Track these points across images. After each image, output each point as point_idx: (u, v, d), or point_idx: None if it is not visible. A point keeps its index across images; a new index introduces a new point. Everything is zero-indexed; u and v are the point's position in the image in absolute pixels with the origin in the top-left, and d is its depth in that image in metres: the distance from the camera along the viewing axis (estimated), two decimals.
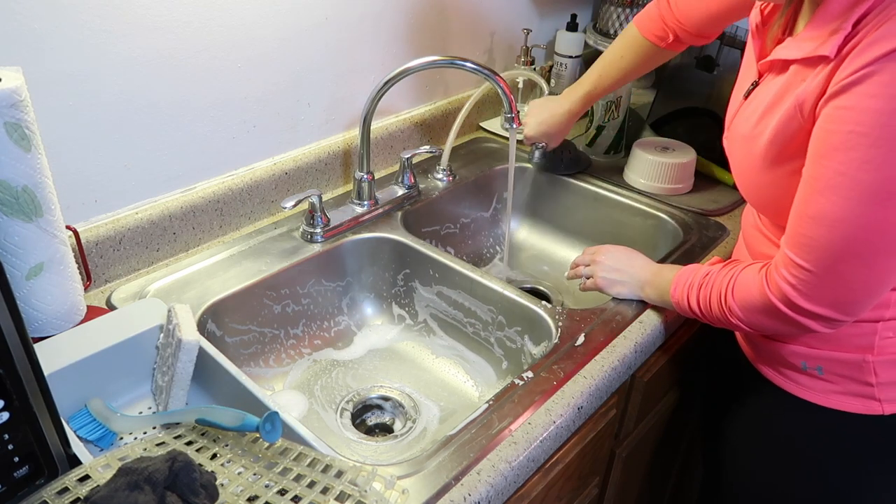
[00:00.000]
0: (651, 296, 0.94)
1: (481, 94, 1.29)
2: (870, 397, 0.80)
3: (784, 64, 0.74)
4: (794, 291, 0.71)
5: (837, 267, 0.68)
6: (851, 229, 0.66)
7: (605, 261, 0.98)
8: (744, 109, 0.81)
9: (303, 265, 1.04)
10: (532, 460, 0.76)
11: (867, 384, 0.79)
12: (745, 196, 0.85)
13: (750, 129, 0.78)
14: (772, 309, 0.74)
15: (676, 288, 0.87)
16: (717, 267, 0.84)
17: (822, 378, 0.82)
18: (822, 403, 0.83)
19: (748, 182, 0.81)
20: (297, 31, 1.05)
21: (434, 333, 1.11)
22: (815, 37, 0.69)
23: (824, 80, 0.66)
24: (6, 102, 0.69)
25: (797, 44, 0.72)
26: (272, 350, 1.03)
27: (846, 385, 0.81)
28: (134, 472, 0.56)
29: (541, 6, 1.50)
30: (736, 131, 0.82)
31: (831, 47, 0.65)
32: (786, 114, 0.71)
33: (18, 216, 0.74)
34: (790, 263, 0.71)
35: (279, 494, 0.62)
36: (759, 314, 0.76)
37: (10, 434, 0.56)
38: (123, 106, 0.90)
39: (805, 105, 0.69)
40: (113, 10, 0.84)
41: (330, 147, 1.17)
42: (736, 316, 0.78)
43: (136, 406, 0.82)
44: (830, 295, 0.70)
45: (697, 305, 0.84)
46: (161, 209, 0.98)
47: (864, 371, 0.79)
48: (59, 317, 0.81)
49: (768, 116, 0.74)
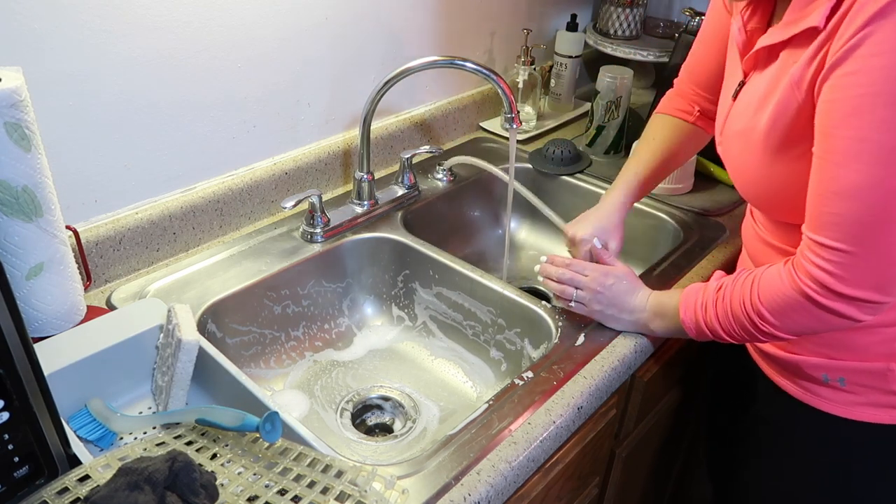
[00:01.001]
0: (658, 328, 0.87)
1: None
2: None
3: (771, 51, 0.72)
4: (830, 278, 0.66)
5: (876, 239, 0.63)
6: (884, 195, 0.61)
7: (603, 293, 0.88)
8: (734, 109, 0.79)
9: (303, 265, 1.04)
10: (532, 460, 0.76)
11: (893, 393, 0.76)
12: (745, 195, 0.81)
13: (745, 124, 0.75)
14: (808, 303, 0.68)
15: (686, 311, 0.81)
16: (727, 279, 0.79)
17: (844, 390, 0.78)
18: (846, 416, 0.79)
19: (749, 179, 0.78)
20: (297, 31, 1.05)
21: (434, 334, 1.11)
22: (799, 18, 0.67)
23: (820, 53, 0.64)
24: (6, 102, 0.69)
25: (781, 29, 0.70)
26: (272, 350, 1.03)
27: (870, 396, 0.77)
28: (134, 472, 0.56)
29: (541, 6, 1.50)
30: (730, 131, 0.80)
31: (819, 18, 0.63)
32: (783, 96, 0.69)
33: (18, 216, 0.74)
34: (820, 247, 0.66)
35: (279, 494, 0.62)
36: (794, 313, 0.70)
37: (10, 434, 0.56)
38: (123, 106, 0.90)
39: (802, 82, 0.66)
40: (113, 10, 0.84)
41: (330, 147, 1.17)
42: (768, 322, 0.72)
43: (136, 406, 0.82)
44: (872, 273, 0.65)
45: (717, 323, 0.78)
46: (161, 209, 0.98)
47: (889, 380, 0.75)
48: (59, 317, 0.81)
49: (764, 105, 0.72)
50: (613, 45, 1.50)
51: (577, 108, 1.55)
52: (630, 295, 0.88)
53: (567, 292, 0.90)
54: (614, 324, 0.90)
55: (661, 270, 1.04)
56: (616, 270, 0.90)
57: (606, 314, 0.89)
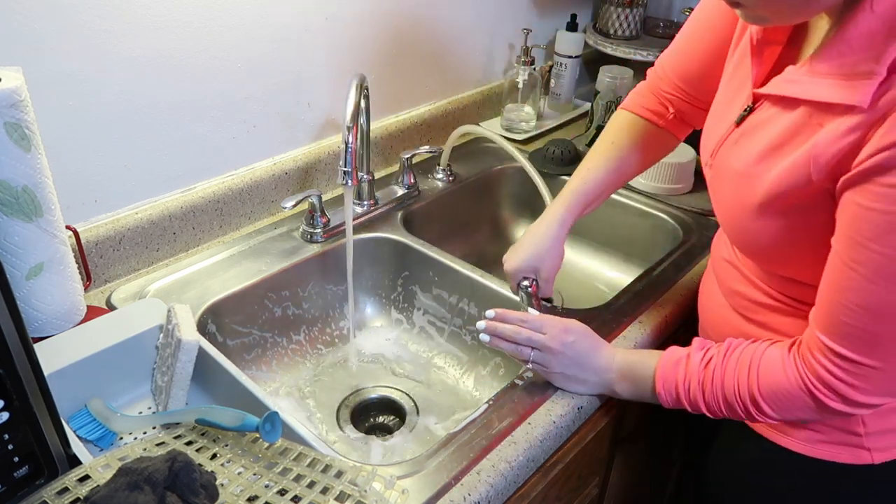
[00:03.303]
0: (624, 392, 0.80)
1: None
2: (858, 447, 0.73)
3: (791, 102, 0.63)
4: (848, 388, 0.62)
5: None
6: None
7: (564, 353, 0.79)
8: (736, 139, 0.70)
9: (303, 265, 1.04)
10: (532, 460, 0.76)
11: (855, 434, 0.72)
12: (728, 237, 0.75)
13: (745, 168, 0.67)
14: (816, 404, 0.65)
15: (665, 385, 0.75)
16: (715, 351, 0.72)
17: (808, 428, 0.75)
18: (809, 454, 0.75)
19: (735, 224, 0.71)
20: (297, 31, 1.05)
21: (434, 334, 1.11)
22: (832, 73, 0.58)
23: (855, 138, 0.56)
24: (6, 102, 0.69)
25: (807, 78, 0.60)
26: (272, 349, 1.03)
27: (833, 435, 0.74)
28: (134, 472, 0.56)
29: (541, 6, 1.50)
30: (725, 163, 0.71)
31: (861, 96, 0.55)
32: (795, 162, 0.61)
33: (18, 216, 0.74)
34: (837, 357, 0.62)
35: (279, 494, 0.62)
36: (797, 409, 0.67)
37: (10, 434, 0.56)
38: (123, 106, 0.90)
39: (823, 161, 0.59)
40: (113, 10, 0.84)
41: (330, 147, 1.17)
42: (765, 413, 0.68)
43: (136, 406, 0.82)
44: (893, 382, 0.62)
45: (702, 401, 0.72)
46: (161, 209, 0.98)
47: (852, 421, 0.72)
48: (59, 317, 0.81)
49: (772, 159, 0.64)
50: (613, 45, 1.50)
51: (577, 108, 1.55)
52: (594, 353, 0.80)
53: (523, 353, 0.79)
54: (578, 386, 0.81)
55: (661, 270, 1.04)
56: (575, 326, 0.80)
57: (568, 375, 0.80)
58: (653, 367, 0.76)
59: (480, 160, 1.34)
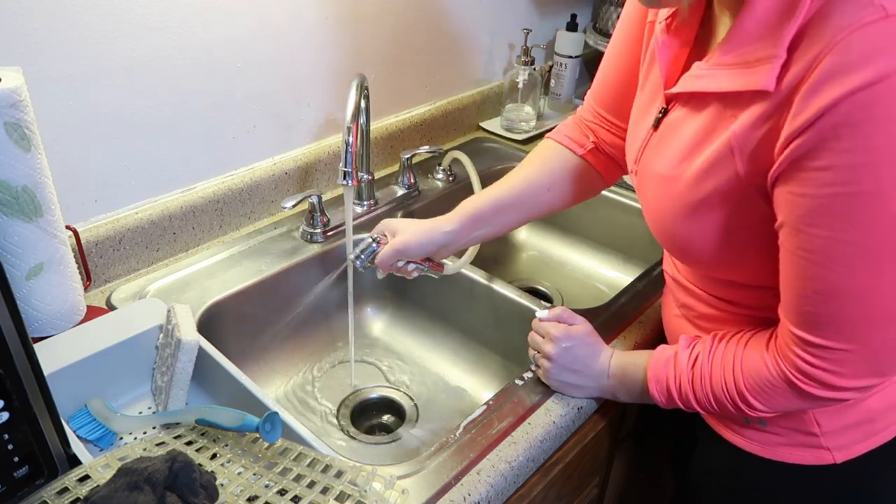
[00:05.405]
0: (623, 396, 0.81)
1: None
2: (818, 447, 0.73)
3: (702, 98, 0.64)
4: (826, 374, 0.62)
5: (873, 335, 0.60)
6: (883, 295, 0.57)
7: (561, 356, 0.79)
8: (655, 143, 0.70)
9: (303, 265, 1.04)
10: (532, 460, 0.76)
11: (812, 434, 0.72)
12: (661, 243, 0.74)
13: (667, 170, 0.67)
14: (799, 395, 0.65)
15: (658, 386, 0.75)
16: (700, 349, 0.73)
17: (766, 431, 0.75)
18: (770, 457, 0.75)
19: (664, 228, 0.70)
20: (297, 31, 1.05)
21: (434, 334, 1.11)
22: (735, 63, 0.59)
23: (770, 126, 0.57)
24: (6, 102, 0.69)
25: (712, 71, 0.61)
26: (272, 349, 1.03)
27: (792, 437, 0.74)
28: (134, 472, 0.56)
29: (541, 6, 1.50)
30: (648, 168, 0.71)
31: (765, 79, 0.55)
32: (717, 157, 0.61)
33: (18, 216, 0.74)
34: (810, 346, 0.62)
35: (279, 494, 0.62)
36: (784, 399, 0.67)
37: (10, 434, 0.56)
38: (123, 106, 0.90)
39: (744, 150, 0.59)
40: (113, 11, 0.84)
41: (330, 147, 1.17)
42: (755, 408, 0.68)
43: (136, 406, 0.82)
44: (873, 365, 0.62)
45: (694, 400, 0.72)
46: (161, 209, 0.98)
47: (806, 422, 0.72)
48: (59, 317, 0.81)
49: (692, 158, 0.64)
50: None
51: (577, 108, 1.54)
52: (591, 360, 0.80)
53: (536, 357, 0.83)
54: (576, 392, 0.81)
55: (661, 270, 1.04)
56: (576, 331, 0.81)
57: (562, 381, 0.81)
58: (644, 368, 0.77)
59: (481, 160, 1.34)
